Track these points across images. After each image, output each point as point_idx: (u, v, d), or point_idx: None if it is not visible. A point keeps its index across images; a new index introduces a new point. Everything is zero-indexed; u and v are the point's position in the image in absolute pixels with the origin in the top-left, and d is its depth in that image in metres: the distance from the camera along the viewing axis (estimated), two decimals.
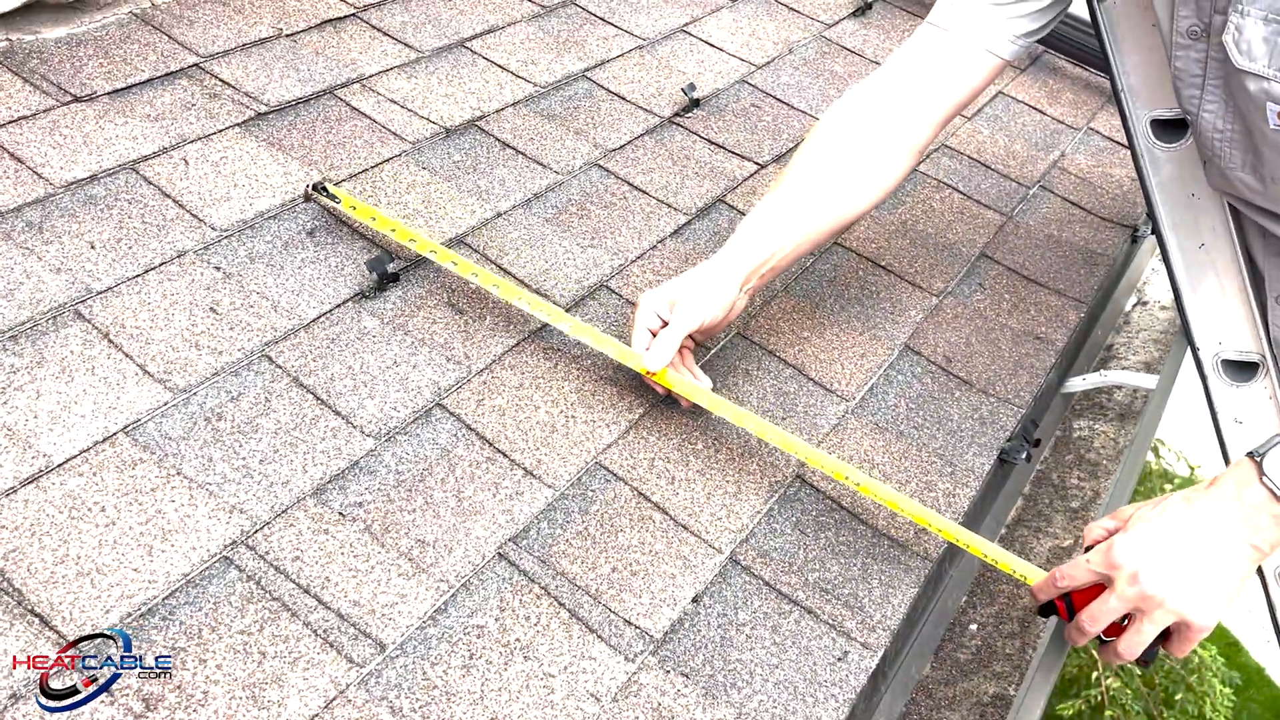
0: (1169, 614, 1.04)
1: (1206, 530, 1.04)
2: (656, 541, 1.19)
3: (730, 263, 1.32)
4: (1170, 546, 1.05)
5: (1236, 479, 1.05)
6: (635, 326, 1.30)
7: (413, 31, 1.90)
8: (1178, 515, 1.06)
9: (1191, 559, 1.04)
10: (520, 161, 1.69)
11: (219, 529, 1.06)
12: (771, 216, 1.35)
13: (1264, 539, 1.03)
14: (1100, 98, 2.41)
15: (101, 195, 1.38)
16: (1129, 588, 1.05)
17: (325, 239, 1.42)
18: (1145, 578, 1.04)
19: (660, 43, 2.13)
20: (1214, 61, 1.19)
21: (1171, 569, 1.04)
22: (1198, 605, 1.04)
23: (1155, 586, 1.04)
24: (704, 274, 1.31)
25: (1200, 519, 1.05)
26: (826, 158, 1.38)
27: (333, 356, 1.27)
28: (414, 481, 1.17)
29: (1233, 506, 1.04)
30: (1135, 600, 1.05)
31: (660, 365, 1.26)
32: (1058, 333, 1.69)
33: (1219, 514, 1.05)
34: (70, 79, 1.53)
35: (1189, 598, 1.03)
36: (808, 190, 1.37)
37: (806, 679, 1.11)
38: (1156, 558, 1.04)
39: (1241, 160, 1.24)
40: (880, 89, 1.41)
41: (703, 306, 1.28)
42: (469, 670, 1.02)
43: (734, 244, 1.34)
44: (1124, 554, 1.06)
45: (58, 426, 1.10)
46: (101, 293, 1.25)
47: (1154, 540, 1.05)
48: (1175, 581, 1.03)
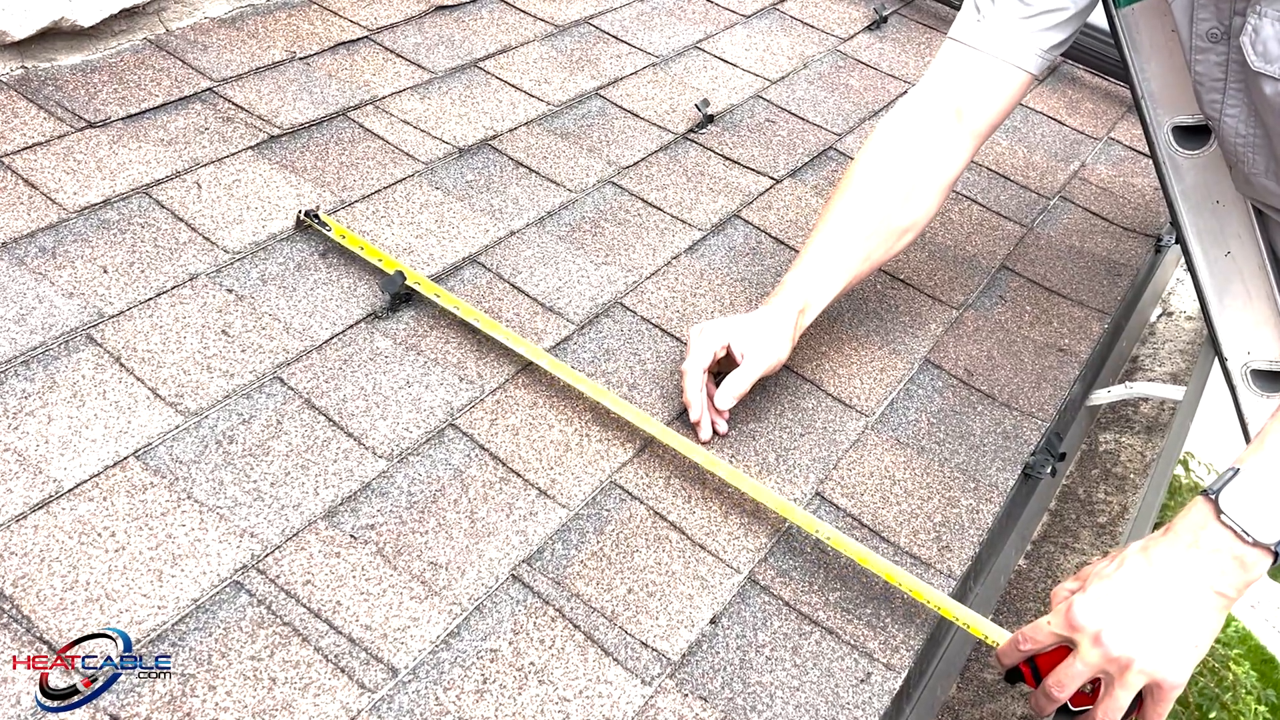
0: (1140, 675, 0.97)
1: (1168, 582, 0.97)
2: (673, 561, 1.17)
3: (790, 305, 1.33)
4: (1132, 603, 0.98)
5: (1193, 523, 0.98)
6: (690, 364, 1.29)
7: (426, 53, 1.90)
8: (1136, 569, 0.99)
9: (1155, 615, 0.97)
10: (534, 180, 1.68)
11: (229, 553, 1.05)
12: (824, 259, 1.36)
13: (1228, 584, 0.96)
14: (1120, 107, 2.39)
15: (115, 220, 1.38)
16: (1093, 650, 0.98)
17: (337, 260, 1.42)
18: (1109, 638, 0.97)
19: (674, 60, 2.12)
20: (1234, 64, 1.17)
21: (1135, 627, 0.97)
22: (1168, 664, 0.96)
23: (1121, 647, 0.96)
24: (767, 318, 1.31)
25: (1160, 571, 0.98)
26: (870, 196, 1.38)
27: (345, 378, 1.26)
28: (426, 503, 1.16)
29: (1192, 553, 0.97)
30: (1101, 664, 0.98)
31: (728, 405, 1.27)
32: (1081, 344, 1.66)
33: (1180, 564, 0.97)
34: (85, 105, 1.54)
35: (1158, 656, 0.96)
36: (855, 230, 1.36)
37: (828, 701, 1.09)
38: (1118, 617, 0.97)
39: (1265, 166, 1.22)
40: (915, 118, 1.40)
41: (772, 350, 1.29)
42: (482, 695, 1.00)
43: (791, 287, 1.34)
44: (1084, 614, 0.99)
45: (68, 451, 1.09)
46: (114, 317, 1.25)
47: (1114, 598, 0.99)
48: (1141, 640, 0.96)
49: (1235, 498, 0.96)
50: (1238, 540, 0.95)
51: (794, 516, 1.20)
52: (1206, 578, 0.96)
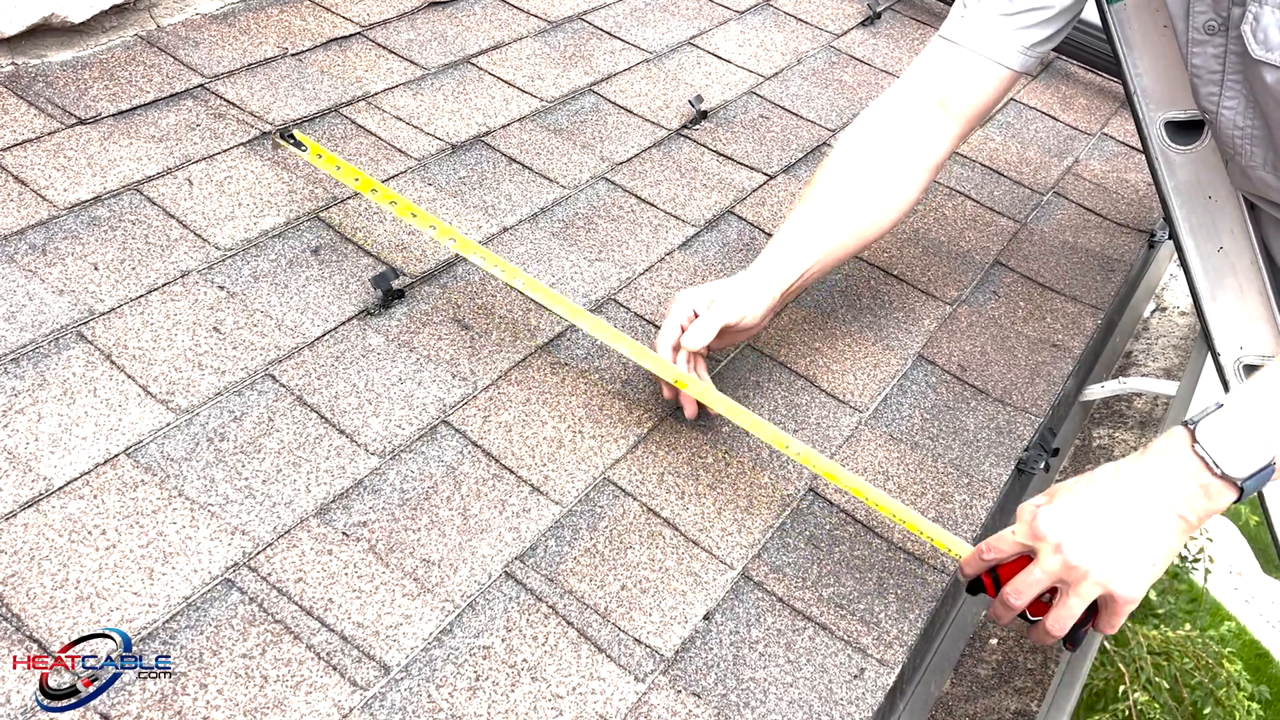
0: (1094, 586, 1.00)
1: (1132, 499, 1.00)
2: (667, 558, 1.17)
3: (767, 274, 1.31)
4: (1094, 516, 1.01)
5: (1167, 447, 1.00)
6: (668, 320, 1.28)
7: (418, 49, 1.90)
8: (1104, 484, 1.02)
9: (1116, 529, 1.00)
10: (527, 176, 1.68)
11: (221, 551, 1.04)
12: (801, 235, 1.34)
13: (1191, 509, 0.99)
14: (1113, 103, 2.39)
15: (105, 216, 1.37)
16: (1052, 558, 1.01)
17: (330, 257, 1.41)
18: (1069, 548, 1.00)
19: (667, 56, 2.12)
20: (1233, 55, 1.17)
21: (1095, 539, 1.00)
22: (1123, 576, 0.99)
23: (1079, 557, 0.99)
24: (743, 279, 1.30)
25: (1127, 488, 1.01)
26: (850, 178, 1.37)
27: (337, 374, 1.26)
28: (419, 500, 1.15)
29: (1160, 475, 1.00)
30: (1059, 572, 1.01)
31: (698, 345, 1.23)
32: (1075, 340, 1.66)
33: (1146, 482, 1.00)
34: (75, 101, 1.53)
35: (1114, 568, 0.99)
36: (834, 210, 1.36)
37: (822, 697, 1.08)
38: (1080, 527, 1.00)
39: (1263, 158, 1.21)
40: (898, 106, 1.40)
41: (743, 303, 1.26)
42: (475, 692, 1.00)
43: (768, 259, 1.33)
44: (1047, 524, 1.01)
45: (59, 449, 1.09)
46: (104, 314, 1.24)
47: (1078, 510, 1.01)
48: (1099, 552, 0.99)
49: (1212, 430, 0.98)
50: (1206, 470, 0.97)
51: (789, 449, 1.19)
52: (1170, 499, 0.99)
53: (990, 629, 1.50)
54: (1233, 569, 4.88)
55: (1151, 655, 2.96)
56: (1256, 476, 0.97)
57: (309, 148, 1.39)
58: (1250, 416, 0.98)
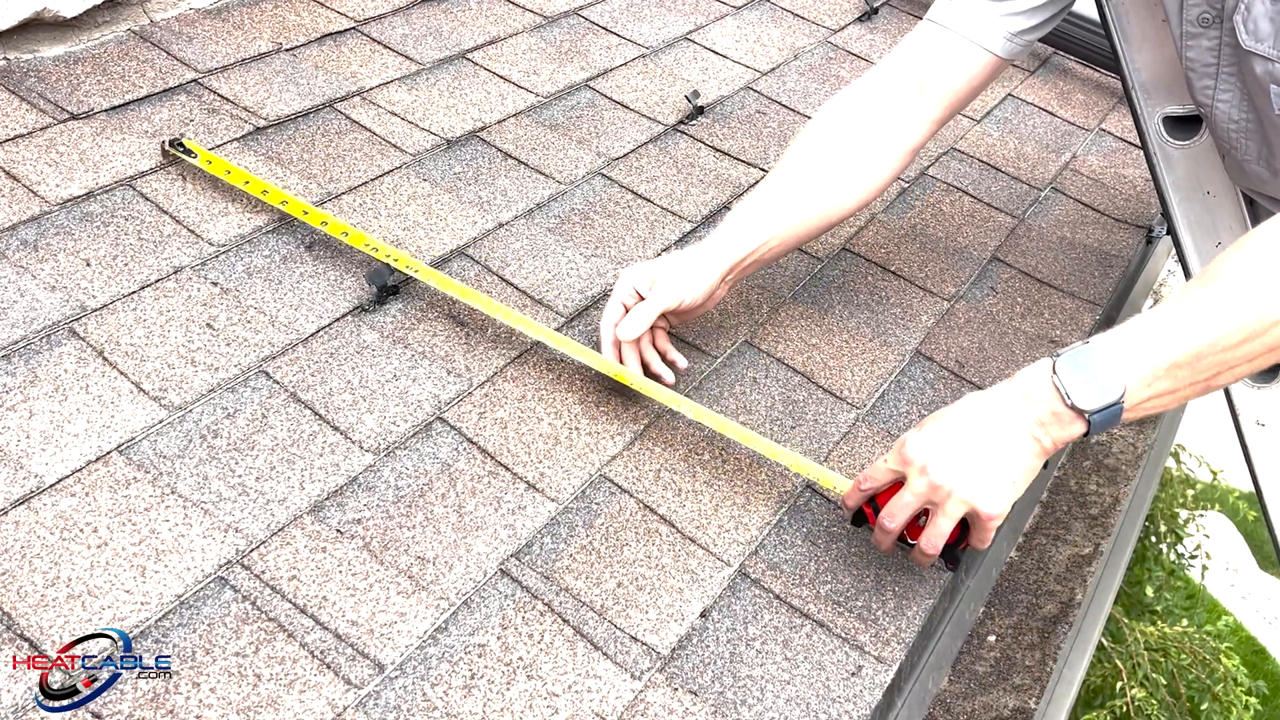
0: (959, 503, 1.05)
1: (993, 421, 1.05)
2: (663, 555, 1.17)
3: (716, 249, 1.30)
4: (957, 438, 1.06)
5: (1029, 375, 1.06)
6: (611, 300, 1.29)
7: (413, 44, 1.89)
8: (967, 409, 1.07)
9: (977, 449, 1.05)
10: (522, 172, 1.67)
11: (214, 548, 1.03)
12: (761, 208, 1.33)
13: (1046, 433, 1.04)
14: (1111, 98, 2.38)
15: (98, 212, 1.36)
16: (919, 479, 1.06)
17: (324, 253, 1.41)
18: (933, 469, 1.05)
19: (663, 51, 2.11)
20: (1227, 48, 1.16)
21: (957, 458, 1.05)
22: (985, 492, 1.04)
23: (942, 476, 1.04)
24: (688, 256, 1.29)
25: (988, 411, 1.06)
26: (819, 153, 1.36)
27: (331, 371, 1.25)
28: (414, 497, 1.14)
29: (1019, 400, 1.05)
30: (927, 493, 1.06)
31: (633, 335, 1.24)
32: (1072, 336, 1.65)
33: (1006, 406, 1.06)
34: (67, 97, 1.52)
35: (976, 485, 1.04)
36: (799, 185, 1.34)
37: (819, 695, 1.08)
38: (944, 448, 1.05)
39: (1257, 152, 1.21)
40: (877, 86, 1.38)
41: (683, 286, 1.27)
42: (470, 690, 0.99)
43: (722, 232, 1.32)
44: (914, 448, 1.06)
45: (50, 446, 1.08)
46: (97, 310, 1.23)
47: (943, 433, 1.06)
48: (961, 470, 1.04)
49: (1070, 364, 1.03)
50: (1059, 399, 1.02)
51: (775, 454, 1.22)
52: (1027, 422, 1.04)
53: (989, 624, 1.49)
54: (1229, 565, 4.89)
55: (1149, 651, 2.96)
56: (1104, 412, 1.02)
57: (199, 154, 1.38)
58: (1107, 356, 1.02)
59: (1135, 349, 1.02)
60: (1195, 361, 1.00)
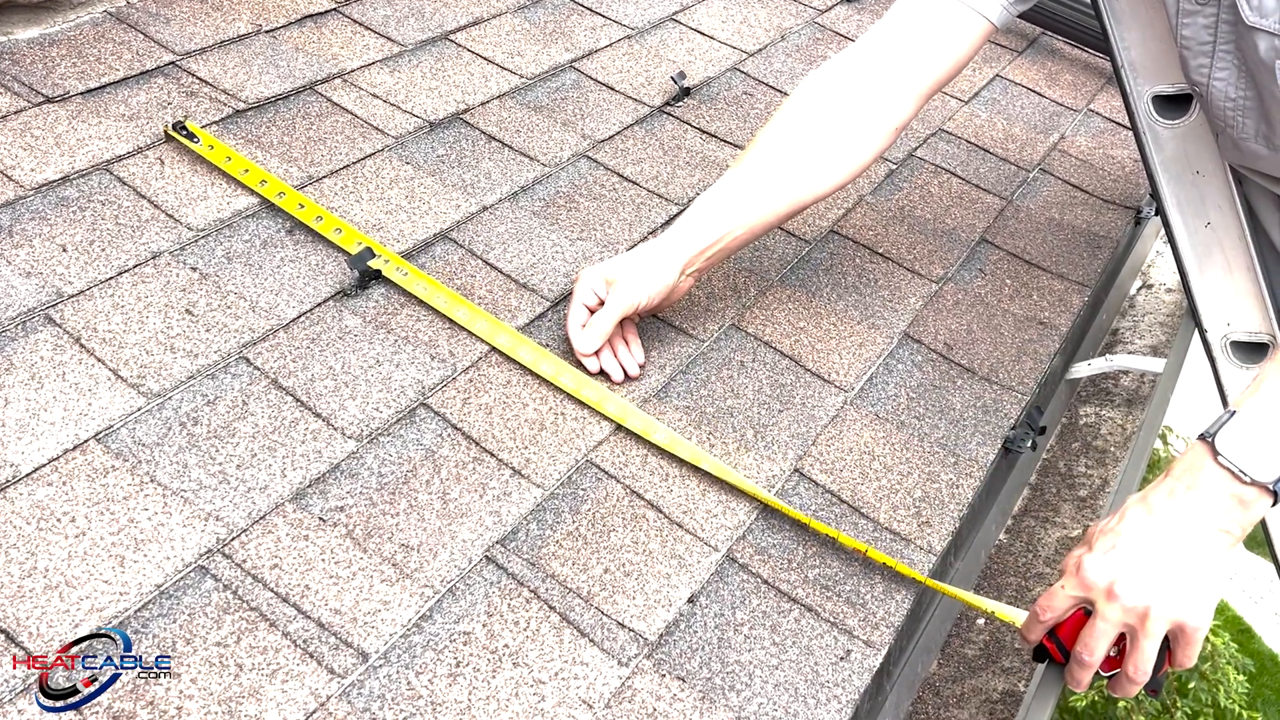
0: (1162, 622, 0.97)
1: (1171, 527, 0.99)
2: (650, 541, 1.16)
3: (673, 245, 1.29)
4: (1139, 552, 0.99)
5: (1190, 465, 0.99)
6: (572, 303, 1.29)
7: (395, 25, 1.86)
8: (1137, 519, 1.01)
9: (1164, 560, 0.98)
10: (506, 154, 1.65)
11: (194, 537, 1.02)
12: (727, 197, 1.30)
13: (1232, 522, 0.98)
14: (1099, 79, 2.37)
15: (74, 197, 1.34)
16: (1109, 605, 0.99)
17: (305, 237, 1.39)
18: (1122, 590, 0.98)
19: (649, 32, 2.09)
20: (1225, 24, 1.15)
21: (1147, 575, 0.98)
22: (1187, 605, 0.97)
23: (1136, 597, 0.97)
24: (644, 255, 1.28)
25: (1161, 517, 0.99)
26: (795, 134, 1.32)
27: (313, 357, 1.23)
28: (397, 484, 1.13)
29: (1191, 496, 0.98)
30: (1122, 617, 0.98)
31: (592, 348, 1.25)
32: (1061, 317, 1.64)
33: (1179, 507, 0.99)
34: (42, 80, 1.50)
35: (1174, 599, 0.97)
36: (770, 169, 1.31)
37: (808, 679, 1.07)
38: (1128, 567, 0.98)
39: (1254, 129, 1.20)
40: (860, 59, 1.34)
41: (639, 289, 1.26)
42: (455, 679, 0.98)
43: (681, 225, 1.30)
44: (1094, 571, 1.00)
45: (26, 435, 1.06)
46: (73, 296, 1.21)
47: (1121, 550, 1.00)
48: (1155, 586, 0.97)
49: (1231, 439, 0.96)
50: (1235, 480, 0.96)
51: (761, 496, 1.20)
52: (1208, 517, 0.97)
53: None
54: None
55: None
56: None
57: (202, 139, 1.35)
58: (1266, 418, 0.97)
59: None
60: None
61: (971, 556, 1.51)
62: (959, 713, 1.33)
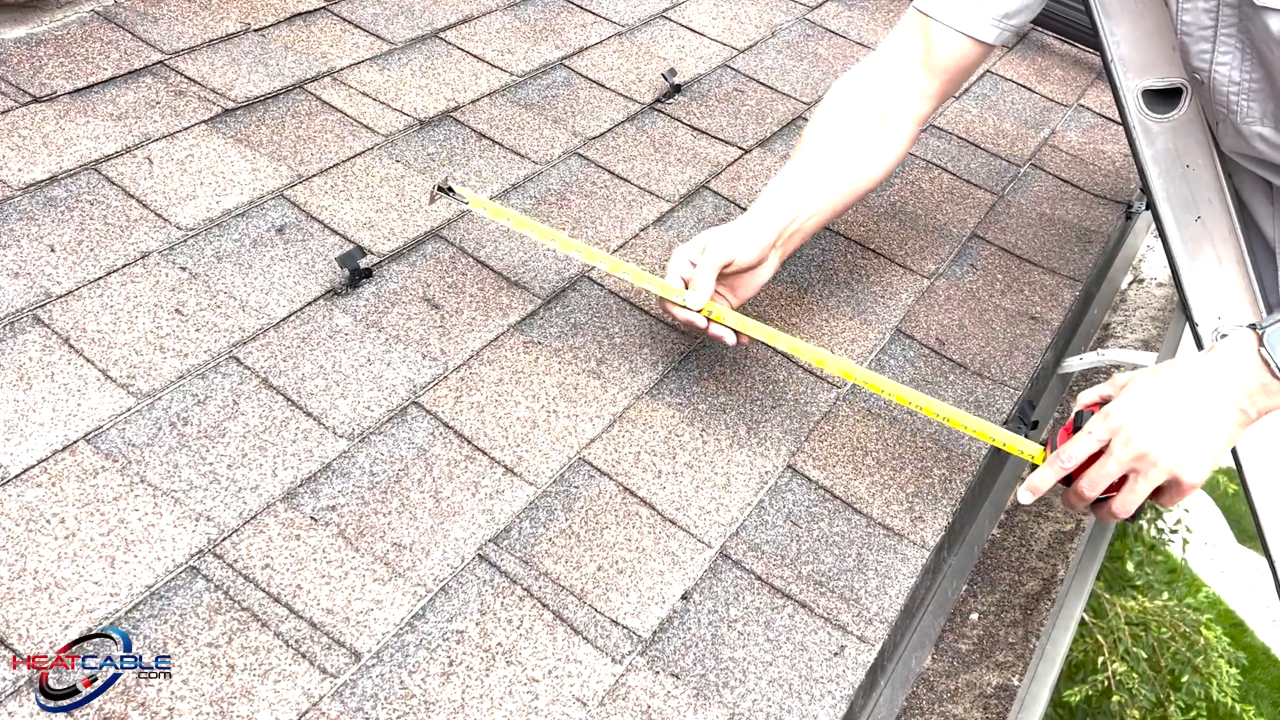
0: (1162, 471, 1.06)
1: (1198, 390, 1.06)
2: (643, 538, 1.15)
3: (763, 211, 1.28)
4: (1164, 405, 1.06)
5: (1234, 346, 1.06)
6: (668, 276, 1.24)
7: (385, 23, 1.86)
8: (1172, 376, 1.08)
9: (1184, 417, 1.06)
10: (497, 152, 1.64)
11: (185, 538, 1.01)
12: (794, 182, 1.32)
13: (1253, 403, 1.05)
14: (1089, 74, 2.37)
15: (62, 197, 1.33)
16: (1125, 448, 1.06)
17: (295, 236, 1.38)
18: (1141, 437, 1.05)
19: (639, 29, 2.08)
20: (1226, 8, 1.15)
21: (1163, 426, 1.05)
22: (1190, 462, 1.05)
23: (1150, 444, 1.05)
24: (735, 222, 1.27)
25: (1193, 380, 1.07)
26: (839, 129, 1.35)
27: (303, 356, 1.23)
28: (389, 483, 1.13)
29: (1225, 370, 1.06)
30: (1131, 461, 1.06)
31: (702, 301, 1.21)
32: (1053, 312, 1.64)
33: (1212, 376, 1.07)
34: (29, 79, 1.49)
35: (1182, 455, 1.05)
36: (825, 160, 1.33)
37: (802, 675, 1.07)
38: (1151, 416, 1.06)
39: (1261, 112, 1.20)
40: (879, 65, 1.38)
41: (734, 244, 1.23)
42: (448, 677, 0.98)
43: (764, 201, 1.30)
44: (1122, 415, 1.07)
45: (15, 436, 1.05)
46: (61, 296, 1.21)
47: (1149, 399, 1.07)
48: (1168, 439, 1.05)
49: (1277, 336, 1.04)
50: (1268, 370, 1.04)
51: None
52: (1233, 393, 1.05)
53: (971, 603, 1.49)
54: (1208, 540, 4.93)
55: (1129, 626, 2.97)
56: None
57: (470, 200, 1.28)
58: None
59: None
60: None
61: (965, 551, 1.51)
62: (953, 707, 1.33)
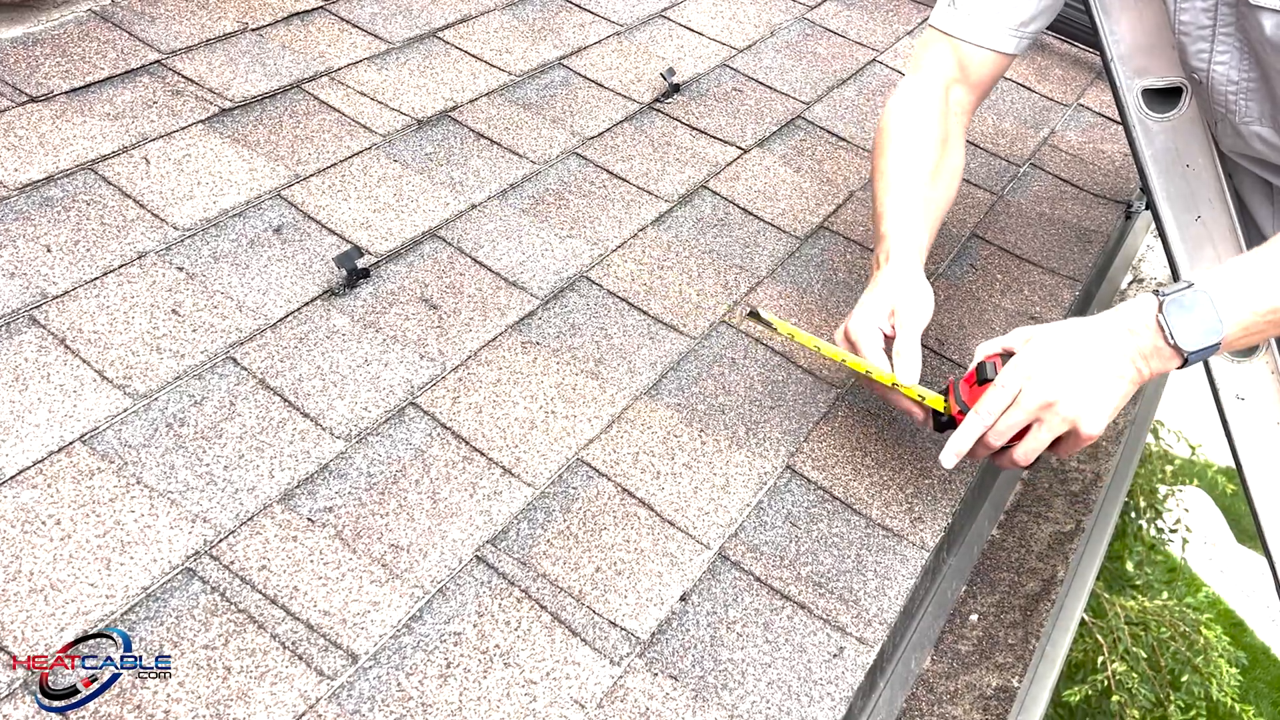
0: (1065, 421, 1.09)
1: (1100, 345, 1.10)
2: (642, 539, 1.15)
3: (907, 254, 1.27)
4: (1068, 356, 1.09)
5: (1135, 308, 1.10)
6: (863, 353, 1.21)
7: (383, 23, 1.85)
8: (1076, 330, 1.11)
9: (1085, 368, 1.09)
10: (495, 152, 1.64)
11: (181, 539, 1.01)
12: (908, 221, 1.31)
13: (1146, 363, 1.10)
14: (1089, 73, 2.37)
15: (59, 197, 1.33)
16: (1032, 398, 1.09)
17: (292, 236, 1.38)
18: (1048, 386, 1.08)
19: (638, 28, 2.08)
20: (1224, 7, 1.15)
21: (1068, 376, 1.08)
22: (1090, 411, 1.09)
23: (1055, 393, 1.08)
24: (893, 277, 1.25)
25: (1095, 334, 1.11)
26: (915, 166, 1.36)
27: (300, 357, 1.22)
28: (387, 484, 1.12)
29: (1124, 329, 1.10)
30: (1038, 409, 1.09)
31: (916, 376, 1.19)
32: (1052, 312, 1.64)
33: (1112, 333, 1.10)
34: (26, 79, 1.49)
35: (1082, 405, 1.08)
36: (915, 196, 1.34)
37: (801, 677, 1.07)
38: (1057, 366, 1.09)
39: (1259, 112, 1.20)
40: (924, 95, 1.41)
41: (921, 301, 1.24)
42: (446, 680, 0.98)
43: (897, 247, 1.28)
44: (1031, 365, 1.10)
45: (10, 437, 1.05)
46: (58, 297, 1.20)
47: (1055, 351, 1.10)
48: (1070, 389, 1.08)
49: (1176, 306, 1.08)
50: (1162, 337, 1.08)
51: None
52: (1130, 351, 1.10)
53: (971, 604, 1.49)
54: (1207, 540, 4.93)
55: (1129, 626, 2.97)
56: (1201, 351, 1.08)
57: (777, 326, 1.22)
58: (1211, 300, 1.07)
59: (1238, 294, 1.07)
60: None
61: (964, 551, 1.50)
62: (953, 709, 1.33)
